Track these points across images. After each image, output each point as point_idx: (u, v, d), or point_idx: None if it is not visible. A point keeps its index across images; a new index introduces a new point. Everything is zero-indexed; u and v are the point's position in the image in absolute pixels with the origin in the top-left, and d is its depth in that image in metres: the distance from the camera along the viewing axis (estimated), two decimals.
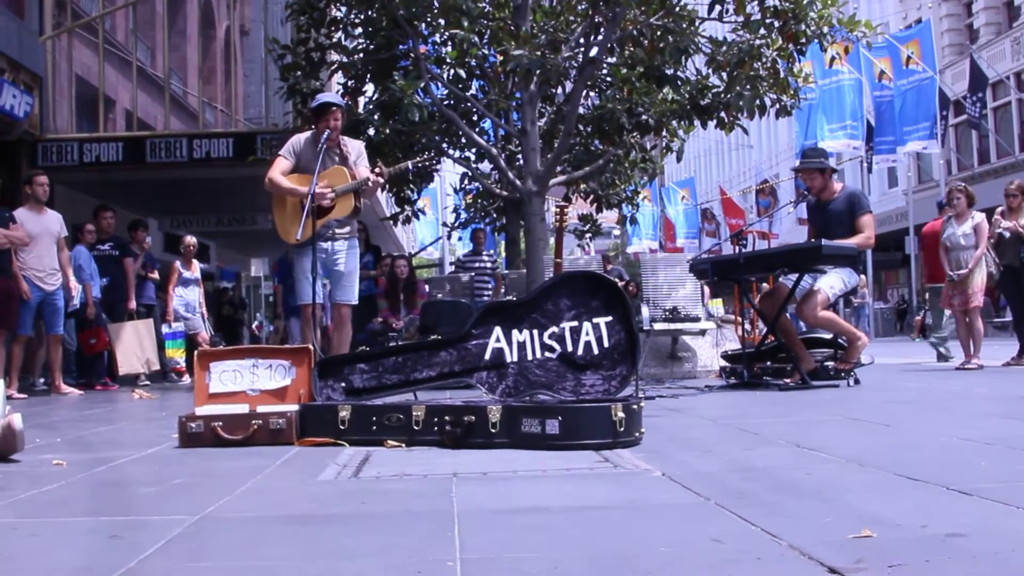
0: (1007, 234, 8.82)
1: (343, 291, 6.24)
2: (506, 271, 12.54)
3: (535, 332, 4.29)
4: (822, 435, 3.76)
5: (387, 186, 11.84)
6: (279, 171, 6.04)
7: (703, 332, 9.12)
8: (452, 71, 10.55)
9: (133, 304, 10.17)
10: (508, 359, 4.29)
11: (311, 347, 4.34)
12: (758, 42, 9.27)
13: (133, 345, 10.05)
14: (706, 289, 13.59)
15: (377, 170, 6.05)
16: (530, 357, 4.28)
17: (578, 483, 2.75)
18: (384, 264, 11.62)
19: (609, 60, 10.46)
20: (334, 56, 11.51)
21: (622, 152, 11.45)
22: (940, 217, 9.64)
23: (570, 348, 4.24)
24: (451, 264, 23.87)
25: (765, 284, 8.36)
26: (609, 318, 4.24)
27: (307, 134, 6.26)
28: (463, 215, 15.61)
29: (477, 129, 11.49)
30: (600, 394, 4.11)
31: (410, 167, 6.70)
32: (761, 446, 3.47)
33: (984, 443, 3.29)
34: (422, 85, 9.48)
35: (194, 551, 1.97)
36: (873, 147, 23.83)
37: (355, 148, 6.22)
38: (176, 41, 19.97)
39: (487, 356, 4.30)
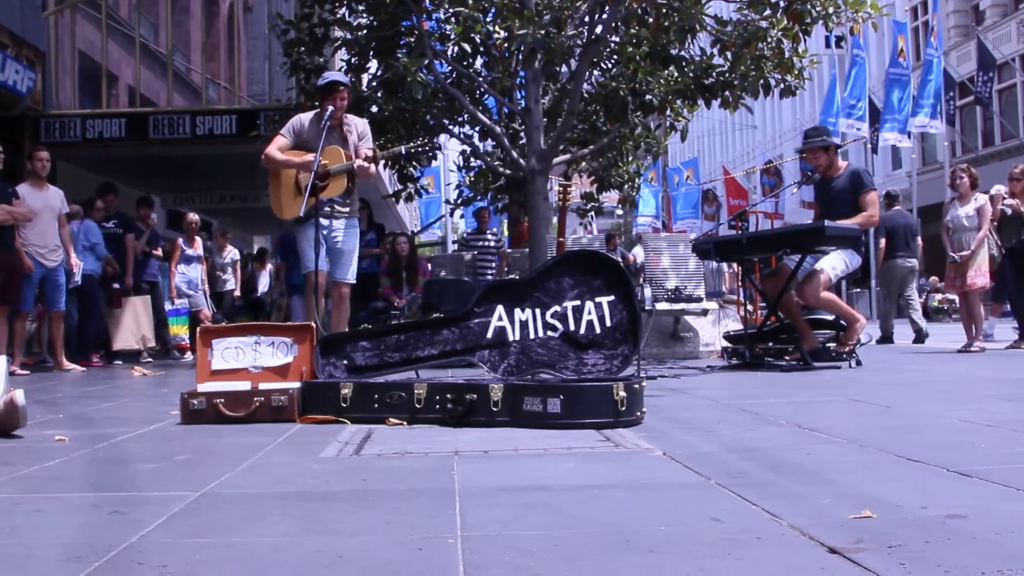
0: (1009, 211, 8.77)
1: (341, 269, 6.23)
2: (509, 250, 12.52)
3: (537, 311, 4.29)
4: (823, 416, 3.77)
5: (390, 164, 11.82)
6: (276, 148, 6.04)
7: (705, 312, 9.12)
8: (456, 48, 10.50)
9: (131, 280, 10.20)
10: (510, 338, 4.29)
11: (313, 324, 4.34)
12: (764, 24, 9.21)
13: (129, 321, 10.10)
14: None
15: (369, 153, 6.03)
16: (532, 336, 4.29)
17: (579, 462, 2.75)
18: (387, 242, 11.62)
19: (614, 39, 10.39)
20: (338, 32, 11.45)
21: (626, 131, 11.40)
22: None
23: (572, 327, 4.25)
24: (453, 243, 23.82)
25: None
26: (611, 297, 4.24)
27: (310, 114, 6.25)
28: (466, 193, 15.57)
29: (480, 107, 11.44)
30: (602, 373, 4.12)
31: (403, 152, 6.67)
32: (762, 426, 3.47)
33: (984, 425, 3.29)
34: (426, 62, 9.43)
35: (195, 527, 1.98)
36: (879, 128, 23.58)
37: (359, 127, 6.19)
38: (179, 17, 19.88)
39: (489, 335, 4.30)
